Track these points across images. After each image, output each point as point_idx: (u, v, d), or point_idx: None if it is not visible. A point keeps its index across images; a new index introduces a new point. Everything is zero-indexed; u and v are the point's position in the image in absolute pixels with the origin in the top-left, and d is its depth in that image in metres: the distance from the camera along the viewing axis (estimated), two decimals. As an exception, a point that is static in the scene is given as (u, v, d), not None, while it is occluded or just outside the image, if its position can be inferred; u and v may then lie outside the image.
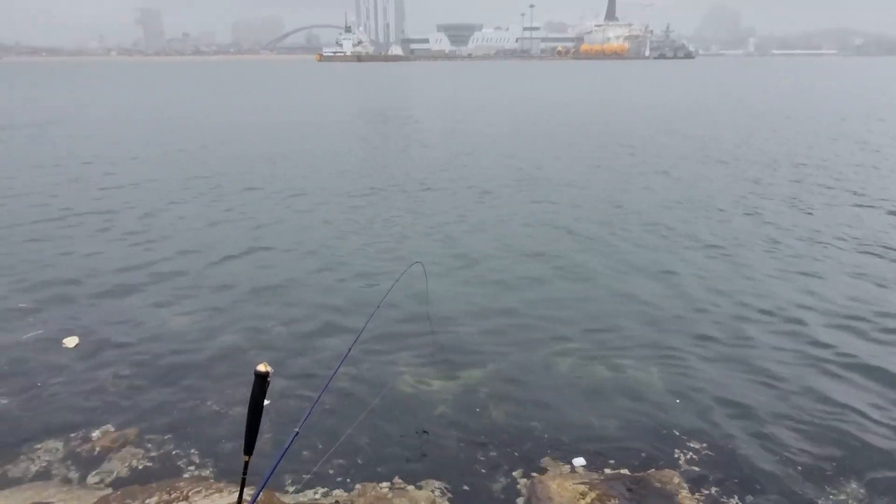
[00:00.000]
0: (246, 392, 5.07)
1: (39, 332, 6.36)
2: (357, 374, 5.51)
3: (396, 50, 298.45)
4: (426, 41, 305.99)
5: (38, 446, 4.54)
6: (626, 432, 4.83)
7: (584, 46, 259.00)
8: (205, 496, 3.13)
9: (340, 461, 4.36)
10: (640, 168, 15.65)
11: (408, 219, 10.87)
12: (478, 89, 56.66)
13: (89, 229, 10.19)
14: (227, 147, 19.78)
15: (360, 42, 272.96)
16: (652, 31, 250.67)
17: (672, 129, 23.95)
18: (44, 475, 4.26)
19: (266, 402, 2.65)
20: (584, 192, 13.05)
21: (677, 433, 4.78)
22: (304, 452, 4.39)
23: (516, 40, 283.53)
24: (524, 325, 6.68)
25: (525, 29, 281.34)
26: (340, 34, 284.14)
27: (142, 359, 5.88)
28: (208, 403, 5.14)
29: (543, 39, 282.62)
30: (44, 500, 3.86)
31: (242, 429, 4.61)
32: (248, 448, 2.48)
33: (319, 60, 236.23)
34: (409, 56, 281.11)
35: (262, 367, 2.34)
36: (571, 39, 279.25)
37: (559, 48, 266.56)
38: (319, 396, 3.24)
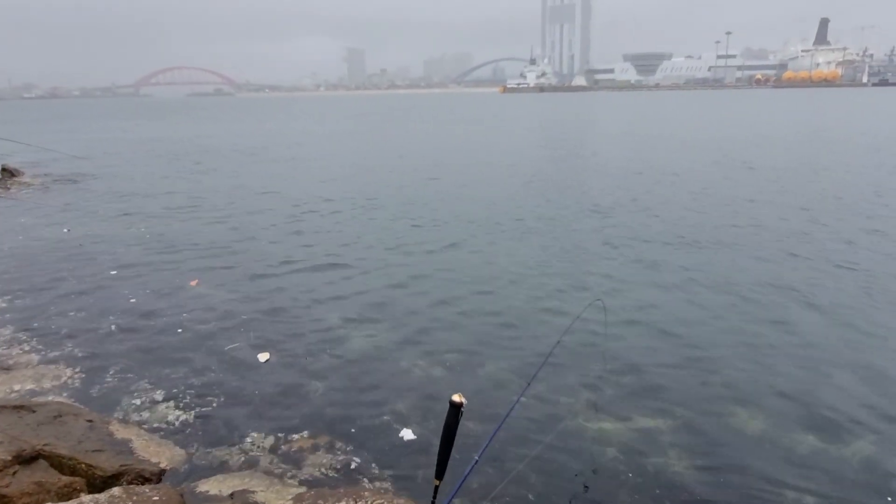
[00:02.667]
0: (421, 415, 5.38)
1: (237, 345, 7.12)
2: (532, 408, 5.48)
3: (580, 80, 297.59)
4: (611, 71, 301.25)
5: (246, 441, 5.11)
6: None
7: (787, 74, 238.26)
8: (386, 509, 3.30)
9: (512, 494, 4.35)
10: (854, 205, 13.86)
11: (590, 253, 10.68)
12: (656, 119, 54.32)
13: (292, 246, 11.38)
14: (401, 170, 21.05)
15: (543, 74, 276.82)
16: (871, 56, 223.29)
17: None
18: (249, 466, 4.77)
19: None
20: (792, 237, 11.86)
21: (900, 522, 4.10)
22: (477, 481, 4.44)
23: (709, 69, 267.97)
24: (713, 377, 6.16)
25: (720, 57, 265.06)
26: (525, 66, 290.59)
27: (329, 374, 6.36)
28: (385, 419, 5.43)
29: (740, 67, 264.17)
30: (249, 488, 4.32)
31: (418, 450, 4.96)
32: (440, 473, 2.59)
33: (503, 92, 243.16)
34: (593, 86, 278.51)
35: (457, 398, 2.44)
36: (773, 67, 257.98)
37: (758, 76, 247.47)
38: (499, 428, 3.29)
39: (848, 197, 15.33)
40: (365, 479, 4.55)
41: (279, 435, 5.19)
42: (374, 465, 4.77)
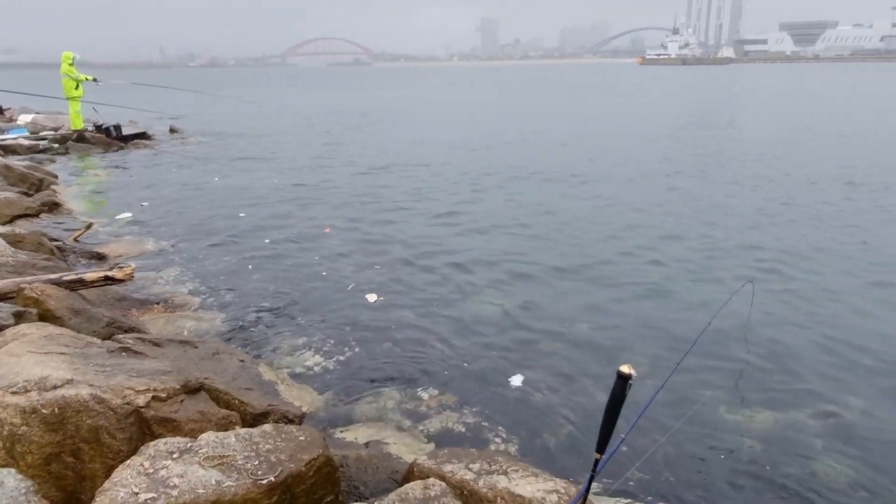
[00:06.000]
0: (551, 388, 5.28)
1: (376, 298, 7.40)
2: (668, 392, 5.21)
3: (728, 52, 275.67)
4: (764, 42, 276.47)
5: (377, 392, 5.29)
6: None
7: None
8: (521, 476, 3.27)
9: (644, 478, 4.18)
10: None
11: (740, 233, 9.96)
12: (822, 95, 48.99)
13: (418, 208, 11.61)
14: (547, 143, 20.63)
15: (686, 44, 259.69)
16: None
17: None
18: (380, 419, 4.94)
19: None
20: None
21: None
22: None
23: (881, 39, 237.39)
24: (876, 369, 5.55)
25: (895, 25, 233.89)
26: (667, 36, 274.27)
27: (455, 333, 6.44)
28: (513, 387, 5.40)
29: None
30: (381, 440, 4.48)
31: (550, 421, 4.89)
32: (601, 446, 2.50)
33: (641, 64, 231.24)
34: (742, 58, 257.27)
35: (625, 369, 2.32)
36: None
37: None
38: (644, 411, 3.13)
39: None
40: (491, 443, 4.58)
41: (407, 390, 5.33)
42: (501, 430, 4.77)
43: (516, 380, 5.31)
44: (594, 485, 2.78)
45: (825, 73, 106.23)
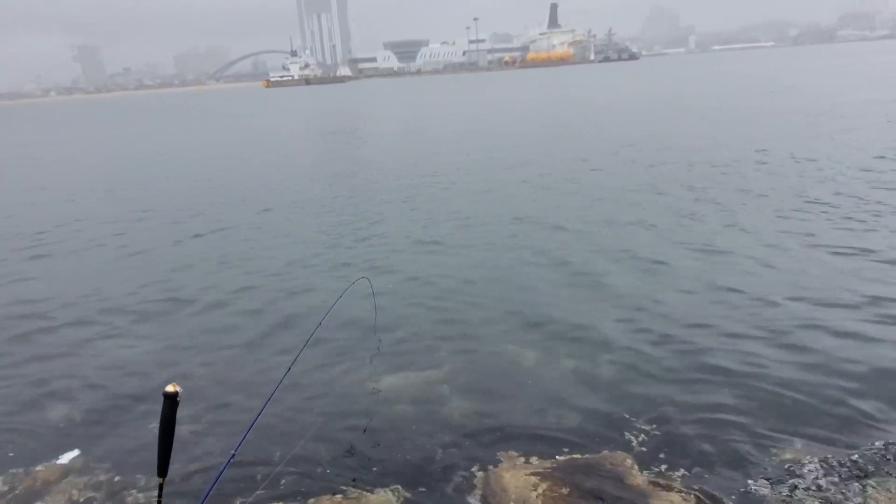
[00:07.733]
0: (183, 415, 5.03)
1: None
2: (302, 390, 5.46)
3: (345, 70, 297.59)
4: (373, 60, 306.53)
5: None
6: (580, 419, 4.90)
7: (530, 55, 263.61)
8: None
9: (291, 477, 4.30)
10: (575, 165, 16.02)
11: (355, 233, 10.88)
12: (422, 104, 56.94)
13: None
14: (164, 172, 19.46)
15: (307, 65, 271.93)
16: (595, 36, 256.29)
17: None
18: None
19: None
20: (530, 193, 13.28)
21: (629, 417, 4.88)
22: (251, 473, 4.30)
23: (463, 53, 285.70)
24: (474, 327, 6.72)
25: (471, 42, 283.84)
26: (287, 59, 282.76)
27: (72, 388, 5.75)
28: (151, 428, 5.03)
29: (490, 51, 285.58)
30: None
31: (182, 454, 4.62)
32: (162, 470, 2.43)
33: (267, 87, 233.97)
34: (358, 75, 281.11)
35: (170, 388, 2.32)
36: (518, 49, 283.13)
37: (506, 58, 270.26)
38: (257, 417, 3.19)
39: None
40: (126, 497, 4.17)
41: (22, 469, 4.53)
42: (139, 478, 4.38)
43: (66, 457, 4.78)
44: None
45: (425, 85, 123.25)
